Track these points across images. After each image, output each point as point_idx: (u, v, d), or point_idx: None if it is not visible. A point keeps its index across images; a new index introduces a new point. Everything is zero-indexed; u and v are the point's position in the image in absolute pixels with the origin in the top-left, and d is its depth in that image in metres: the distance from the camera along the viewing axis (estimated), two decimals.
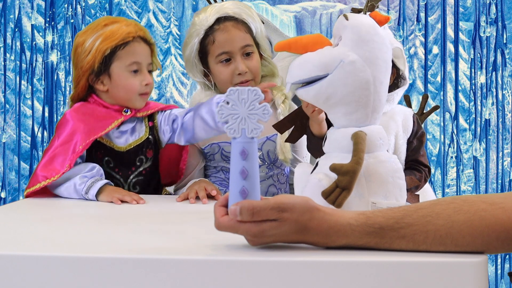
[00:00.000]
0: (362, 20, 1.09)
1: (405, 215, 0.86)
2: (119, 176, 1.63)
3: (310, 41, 1.08)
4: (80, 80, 1.61)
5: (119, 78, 1.60)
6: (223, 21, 1.70)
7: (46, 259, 0.83)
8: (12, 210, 1.36)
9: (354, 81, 1.05)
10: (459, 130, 2.89)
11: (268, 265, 0.82)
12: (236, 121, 0.87)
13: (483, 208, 0.86)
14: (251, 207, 0.84)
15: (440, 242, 0.85)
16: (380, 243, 0.86)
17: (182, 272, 0.82)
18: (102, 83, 1.61)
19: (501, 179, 2.88)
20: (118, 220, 1.26)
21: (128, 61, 1.59)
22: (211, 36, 1.70)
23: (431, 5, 2.91)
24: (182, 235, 1.05)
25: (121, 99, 1.62)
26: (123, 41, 1.58)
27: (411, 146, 1.69)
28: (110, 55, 1.58)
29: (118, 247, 0.94)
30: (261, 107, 0.87)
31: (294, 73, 1.07)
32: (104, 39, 1.58)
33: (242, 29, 1.72)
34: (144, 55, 1.62)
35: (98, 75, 1.60)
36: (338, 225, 0.86)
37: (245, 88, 0.88)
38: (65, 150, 1.56)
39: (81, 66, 1.60)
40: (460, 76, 2.91)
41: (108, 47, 1.57)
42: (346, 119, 1.08)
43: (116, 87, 1.60)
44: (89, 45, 1.58)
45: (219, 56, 1.70)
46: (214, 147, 1.73)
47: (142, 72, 1.61)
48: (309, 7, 2.96)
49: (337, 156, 1.06)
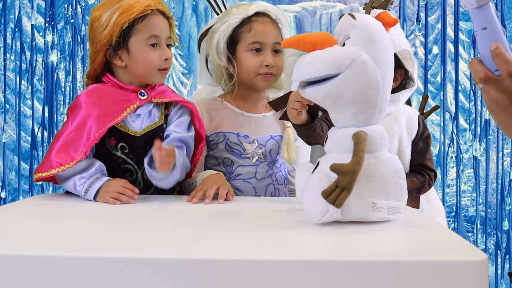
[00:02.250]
0: (370, 20, 1.09)
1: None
2: (133, 162, 1.59)
3: (319, 39, 1.07)
4: (97, 55, 1.57)
5: (138, 52, 1.56)
6: (262, 15, 1.78)
7: (46, 259, 0.83)
8: (12, 210, 1.36)
9: (365, 81, 1.04)
10: (459, 130, 2.89)
11: (268, 265, 0.82)
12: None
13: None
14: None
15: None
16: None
17: (182, 272, 0.82)
18: (120, 59, 1.57)
19: (501, 179, 2.88)
20: (118, 220, 1.26)
21: (147, 35, 1.55)
22: (248, 25, 1.77)
23: (431, 5, 2.91)
24: (182, 235, 1.05)
25: (139, 75, 1.58)
26: (141, 14, 1.54)
27: (416, 149, 1.67)
28: (128, 29, 1.54)
29: (118, 247, 0.94)
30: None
31: (304, 71, 1.06)
32: (122, 12, 1.54)
33: (276, 27, 1.79)
34: (163, 29, 1.58)
35: (116, 49, 1.56)
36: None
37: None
38: (79, 135, 1.52)
39: (98, 41, 1.55)
40: (460, 76, 2.91)
41: (126, 20, 1.53)
42: (354, 119, 1.07)
43: (135, 62, 1.56)
44: (106, 19, 1.54)
45: (252, 44, 1.75)
46: (219, 135, 1.75)
47: (161, 46, 1.58)
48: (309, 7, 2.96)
49: (337, 156, 1.06)
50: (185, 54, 2.92)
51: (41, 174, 1.52)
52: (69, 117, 1.57)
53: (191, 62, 2.92)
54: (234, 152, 1.74)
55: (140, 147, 1.58)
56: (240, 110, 1.78)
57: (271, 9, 1.81)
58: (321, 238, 1.00)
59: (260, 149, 1.77)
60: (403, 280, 0.81)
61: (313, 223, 1.07)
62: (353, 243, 0.94)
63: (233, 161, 1.74)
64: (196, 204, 1.47)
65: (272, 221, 1.20)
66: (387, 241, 0.96)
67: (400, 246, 0.92)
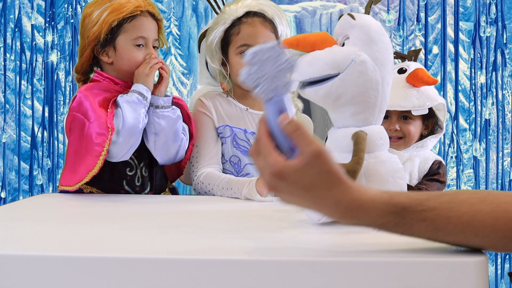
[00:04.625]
0: (369, 20, 1.09)
1: (429, 199, 0.84)
2: (134, 156, 1.62)
3: (319, 39, 1.07)
4: (85, 50, 1.63)
5: (124, 50, 1.61)
6: (252, 15, 1.74)
7: (46, 259, 0.83)
8: (12, 210, 1.36)
9: (365, 81, 1.04)
10: (459, 130, 2.89)
11: (268, 265, 0.82)
12: (267, 81, 0.83)
13: (507, 201, 0.83)
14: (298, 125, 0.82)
15: (461, 230, 0.82)
16: (400, 224, 0.83)
17: (182, 272, 0.82)
18: (107, 55, 1.63)
19: (501, 179, 2.88)
20: (118, 220, 1.26)
21: (134, 35, 1.61)
22: (237, 27, 1.74)
23: (431, 5, 2.91)
24: (182, 235, 1.05)
25: (125, 72, 1.63)
26: (130, 14, 1.60)
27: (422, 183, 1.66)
28: (116, 27, 1.60)
29: (118, 247, 0.94)
30: (285, 60, 0.83)
31: (304, 71, 1.06)
32: (112, 11, 1.59)
33: (268, 27, 1.75)
34: (150, 30, 1.63)
35: (104, 46, 1.61)
36: (360, 200, 0.83)
37: (264, 47, 0.83)
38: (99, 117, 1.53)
39: (87, 36, 1.61)
40: (460, 76, 2.91)
41: (115, 19, 1.59)
42: (353, 119, 1.07)
43: (120, 59, 1.62)
44: (97, 16, 1.59)
45: (240, 47, 1.73)
46: (226, 129, 1.73)
47: (148, 47, 1.63)
48: (309, 7, 2.96)
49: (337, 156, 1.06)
50: (185, 54, 2.92)
51: (70, 187, 1.57)
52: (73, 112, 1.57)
53: (191, 62, 2.92)
54: (241, 149, 1.73)
55: (141, 142, 1.60)
56: (244, 107, 1.76)
57: (262, 7, 1.75)
58: (321, 238, 1.00)
59: None
60: (403, 280, 0.81)
61: (313, 223, 1.07)
62: (353, 243, 0.94)
63: (240, 158, 1.72)
64: (196, 204, 1.47)
65: (272, 221, 1.20)
66: (387, 241, 0.96)
67: (400, 246, 0.92)
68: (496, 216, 0.82)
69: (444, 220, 0.82)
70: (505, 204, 0.83)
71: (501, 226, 0.82)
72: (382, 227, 0.84)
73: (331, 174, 0.82)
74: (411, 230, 0.83)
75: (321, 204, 0.84)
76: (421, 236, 0.84)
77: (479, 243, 0.83)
